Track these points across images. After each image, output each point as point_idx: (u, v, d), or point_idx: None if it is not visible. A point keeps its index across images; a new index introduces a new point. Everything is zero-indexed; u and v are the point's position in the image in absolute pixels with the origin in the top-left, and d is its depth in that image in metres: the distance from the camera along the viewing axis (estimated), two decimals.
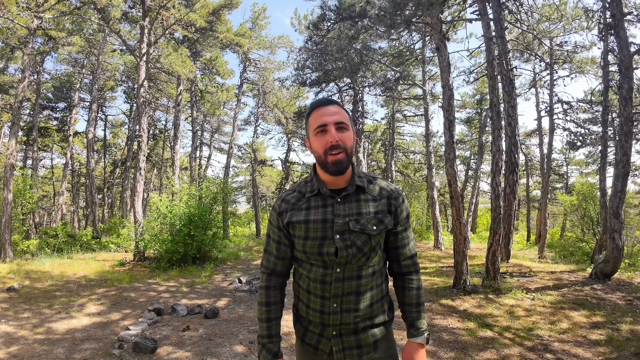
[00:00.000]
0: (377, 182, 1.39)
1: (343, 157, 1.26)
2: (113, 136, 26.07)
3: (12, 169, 10.44)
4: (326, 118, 1.27)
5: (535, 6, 9.43)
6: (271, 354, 1.39)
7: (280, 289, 1.47)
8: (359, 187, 1.34)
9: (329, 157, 1.26)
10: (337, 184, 1.35)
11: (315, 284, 1.33)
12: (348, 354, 1.33)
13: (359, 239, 1.29)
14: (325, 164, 1.28)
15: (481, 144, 16.44)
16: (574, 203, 12.73)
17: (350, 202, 1.32)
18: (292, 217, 1.35)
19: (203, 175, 16.69)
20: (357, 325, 1.32)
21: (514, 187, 6.77)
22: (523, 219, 26.01)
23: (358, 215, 1.30)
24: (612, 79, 9.14)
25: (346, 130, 1.29)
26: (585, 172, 24.04)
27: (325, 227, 1.30)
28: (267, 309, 1.43)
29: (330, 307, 1.31)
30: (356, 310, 1.31)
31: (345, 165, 1.28)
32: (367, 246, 1.29)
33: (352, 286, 1.30)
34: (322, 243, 1.29)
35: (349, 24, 10.79)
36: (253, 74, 19.41)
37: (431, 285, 6.86)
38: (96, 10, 11.07)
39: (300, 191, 1.40)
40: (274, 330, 1.41)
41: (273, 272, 1.45)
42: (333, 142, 1.25)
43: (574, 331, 4.33)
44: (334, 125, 1.27)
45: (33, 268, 8.59)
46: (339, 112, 1.30)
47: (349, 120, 1.33)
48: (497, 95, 6.65)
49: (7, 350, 3.83)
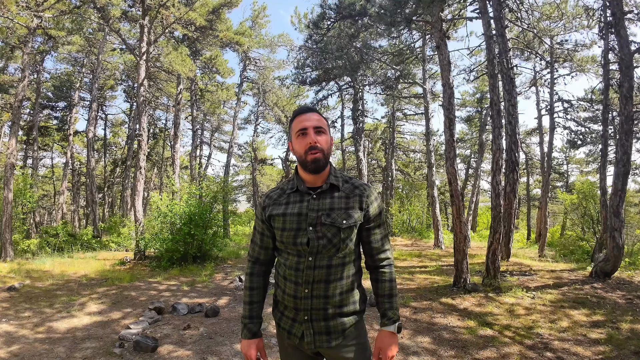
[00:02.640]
0: (352, 181, 1.54)
1: (320, 156, 1.42)
2: (113, 135, 26.07)
3: (12, 168, 10.44)
4: (306, 123, 1.45)
5: (535, 4, 9.41)
6: (251, 333, 1.56)
7: (264, 276, 1.63)
8: (333, 185, 1.49)
9: (308, 155, 1.42)
10: (315, 183, 1.50)
11: (290, 271, 1.47)
12: (318, 339, 1.45)
13: (329, 231, 1.43)
14: (305, 163, 1.43)
15: (481, 143, 16.42)
16: (574, 202, 12.72)
17: (324, 198, 1.47)
18: (273, 211, 1.52)
19: (203, 174, 16.69)
20: (327, 312, 1.44)
21: (514, 185, 6.77)
22: (523, 218, 26.01)
23: (330, 210, 1.45)
24: (612, 78, 9.12)
25: (324, 134, 1.47)
26: (585, 170, 24.04)
27: (300, 220, 1.45)
28: (250, 293, 1.60)
29: (302, 292, 1.44)
30: (325, 297, 1.43)
31: (322, 164, 1.43)
32: (337, 238, 1.43)
33: (322, 274, 1.43)
34: (297, 234, 1.44)
35: (349, 23, 10.78)
36: (253, 73, 19.40)
37: (431, 283, 6.86)
38: (96, 9, 11.06)
39: (282, 188, 1.58)
40: (255, 312, 1.59)
41: (257, 260, 1.63)
42: (312, 142, 1.42)
43: (574, 330, 4.33)
44: (313, 129, 1.44)
45: (34, 267, 8.60)
46: (318, 118, 1.48)
47: (326, 126, 1.52)
48: (497, 93, 6.64)
49: (8, 350, 3.83)
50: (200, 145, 23.90)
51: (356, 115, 15.32)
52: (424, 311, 5.16)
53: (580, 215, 12.41)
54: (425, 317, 4.92)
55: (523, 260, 9.66)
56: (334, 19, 11.07)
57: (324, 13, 11.10)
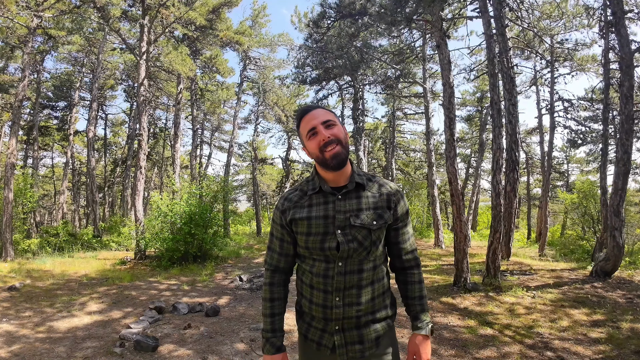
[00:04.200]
0: (376, 179, 1.45)
1: (339, 150, 1.32)
2: (113, 135, 26.08)
3: (12, 168, 10.44)
4: (313, 121, 1.34)
5: (536, 3, 9.40)
6: (274, 347, 1.45)
7: (284, 286, 1.52)
8: (358, 184, 1.39)
9: (326, 153, 1.32)
10: (337, 182, 1.40)
11: (318, 278, 1.37)
12: (350, 349, 1.36)
13: (359, 234, 1.33)
14: (325, 161, 1.33)
15: (482, 142, 16.41)
16: (574, 201, 12.72)
17: (350, 198, 1.38)
18: (295, 215, 1.40)
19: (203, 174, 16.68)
20: (360, 320, 1.36)
21: (514, 185, 6.76)
22: (524, 217, 26.01)
23: (358, 211, 1.36)
24: (613, 77, 9.11)
25: (335, 126, 1.35)
26: (585, 170, 24.01)
27: (327, 223, 1.35)
28: (271, 305, 1.48)
29: (332, 300, 1.35)
30: (358, 303, 1.35)
31: (343, 157, 1.33)
32: (368, 240, 1.34)
33: (353, 280, 1.34)
34: (324, 238, 1.34)
35: (349, 22, 10.77)
36: (253, 72, 19.38)
37: (432, 283, 6.87)
38: (96, 9, 11.05)
39: (302, 189, 1.46)
40: (278, 325, 1.47)
41: (277, 268, 1.50)
42: (325, 139, 1.31)
43: (575, 329, 4.33)
44: (322, 125, 1.34)
45: (34, 267, 8.60)
46: (324, 112, 1.37)
47: (335, 117, 1.40)
48: (497, 93, 6.63)
49: (9, 349, 3.84)
50: (200, 144, 23.91)
51: (356, 115, 15.31)
52: None
53: (581, 214, 12.40)
54: None
55: (523, 260, 9.66)
56: (334, 18, 11.06)
57: (324, 12, 11.09)
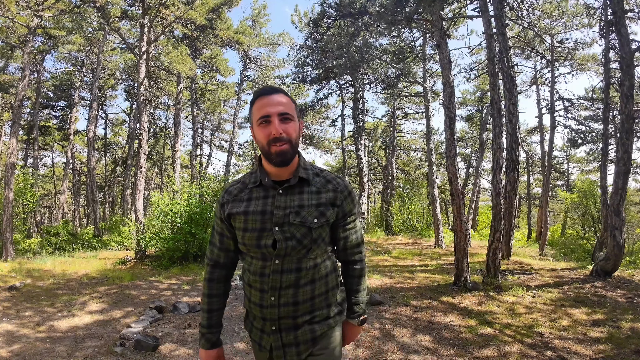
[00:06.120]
0: (324, 174, 1.37)
1: (287, 148, 1.24)
2: (114, 134, 26.10)
3: (13, 167, 10.45)
4: (269, 109, 1.23)
5: (536, 3, 9.39)
6: (209, 342, 1.43)
7: (224, 282, 1.46)
8: (302, 179, 1.31)
9: (272, 147, 1.23)
10: (281, 176, 1.32)
11: (255, 277, 1.32)
12: (288, 352, 1.32)
13: (298, 232, 1.27)
14: (269, 155, 1.25)
15: (482, 142, 16.41)
16: (574, 200, 12.72)
17: (292, 194, 1.30)
18: (233, 209, 1.34)
19: (204, 173, 16.70)
20: (296, 320, 1.30)
21: (514, 184, 6.76)
22: (524, 217, 26.00)
23: (299, 208, 1.28)
24: (613, 77, 9.11)
25: (290, 121, 1.26)
26: (586, 169, 24.01)
27: (265, 219, 1.28)
28: (209, 300, 1.43)
29: (268, 300, 1.29)
30: (295, 303, 1.29)
31: (289, 156, 1.25)
32: (308, 239, 1.27)
33: (290, 278, 1.28)
34: (261, 235, 1.28)
35: (349, 21, 10.77)
36: (253, 72, 19.40)
37: (432, 282, 6.87)
38: (96, 8, 11.06)
39: (244, 182, 1.40)
40: (215, 321, 1.44)
41: (217, 264, 1.45)
42: (276, 134, 1.22)
43: (575, 328, 4.33)
44: (278, 117, 1.23)
45: (34, 267, 8.61)
46: (283, 102, 1.26)
47: (294, 110, 1.29)
48: (498, 92, 6.63)
49: (10, 349, 3.84)
50: (200, 144, 23.93)
51: (356, 114, 15.30)
52: (425, 310, 5.17)
53: (581, 214, 12.41)
54: (426, 315, 4.93)
55: (523, 259, 9.66)
56: (334, 18, 11.06)
57: (324, 11, 11.09)
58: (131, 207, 14.94)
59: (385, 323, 4.63)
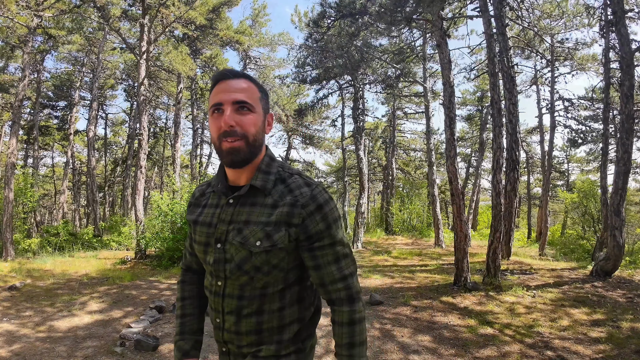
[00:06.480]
0: (291, 182, 1.07)
1: (240, 146, 1.01)
2: (114, 134, 26.11)
3: (13, 167, 10.45)
4: (223, 95, 1.01)
5: (536, 3, 9.40)
6: (181, 352, 1.20)
7: (198, 283, 1.28)
8: (257, 187, 1.06)
9: (223, 143, 1.01)
10: (237, 181, 1.10)
11: (206, 291, 1.17)
12: None
13: (237, 254, 1.04)
14: (220, 152, 1.03)
15: (482, 142, 16.41)
16: (574, 200, 12.72)
17: (243, 205, 1.07)
18: (189, 215, 1.20)
19: (204, 173, 16.68)
20: (241, 350, 1.12)
21: (514, 184, 6.77)
22: (524, 217, 25.99)
23: (245, 224, 1.05)
24: (613, 76, 9.11)
25: (250, 113, 1.02)
26: (586, 169, 24.00)
27: (209, 233, 1.11)
28: (181, 304, 1.27)
29: (214, 320, 1.14)
30: (237, 332, 1.09)
31: (242, 156, 1.02)
32: (248, 264, 1.03)
33: (232, 304, 1.08)
34: (206, 250, 1.11)
35: (349, 21, 10.76)
36: (253, 72, 19.38)
37: (432, 282, 6.87)
38: (96, 8, 11.06)
39: (209, 184, 1.22)
40: (188, 327, 1.23)
41: (189, 269, 1.31)
42: (225, 127, 1.00)
43: (575, 328, 4.33)
44: (232, 106, 1.01)
45: (35, 266, 8.61)
46: (243, 88, 1.03)
47: (258, 100, 1.06)
48: (498, 92, 6.63)
49: (10, 349, 3.84)
50: (200, 144, 23.90)
51: (356, 114, 15.28)
52: (425, 310, 5.17)
53: (581, 214, 12.41)
54: (426, 315, 4.93)
55: (524, 259, 9.66)
56: (334, 18, 11.06)
57: (324, 11, 11.08)
58: (131, 207, 14.94)
59: (385, 323, 4.63)
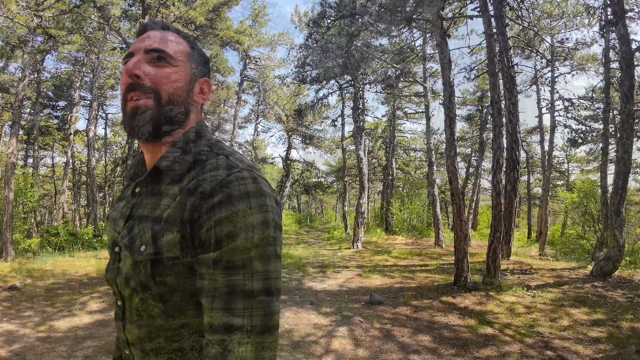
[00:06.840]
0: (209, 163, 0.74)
1: (146, 104, 0.73)
2: (114, 134, 26.12)
3: (13, 167, 10.45)
4: (137, 44, 0.77)
5: (536, 3, 9.40)
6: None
7: None
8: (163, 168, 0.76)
9: (127, 104, 0.74)
10: (151, 162, 0.82)
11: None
12: None
13: (125, 263, 0.77)
14: (124, 118, 0.76)
15: (482, 141, 16.41)
16: (574, 200, 12.73)
17: (153, 194, 0.77)
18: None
19: None
20: None
21: (514, 184, 6.77)
22: (524, 217, 26.00)
23: (139, 220, 0.76)
24: (613, 76, 9.12)
25: (168, 65, 0.76)
26: (586, 169, 24.01)
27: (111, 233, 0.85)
28: None
29: (124, 352, 0.84)
30: None
31: (148, 118, 0.73)
32: (134, 280, 0.74)
33: (133, 334, 0.77)
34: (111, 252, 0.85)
35: (349, 21, 10.76)
36: (253, 72, 19.39)
37: (432, 282, 6.87)
38: (96, 8, 11.06)
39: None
40: None
41: None
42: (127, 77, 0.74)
43: (575, 328, 4.33)
44: (144, 55, 0.75)
45: (35, 266, 8.61)
46: (164, 38, 0.78)
47: (183, 54, 0.79)
48: (498, 92, 6.63)
49: (10, 349, 3.84)
50: None
51: (357, 114, 15.29)
52: (425, 310, 5.17)
53: (581, 213, 12.42)
54: (426, 315, 4.93)
55: (524, 259, 9.66)
56: (334, 18, 11.06)
57: (324, 12, 11.09)
58: None
59: (385, 323, 4.63)
